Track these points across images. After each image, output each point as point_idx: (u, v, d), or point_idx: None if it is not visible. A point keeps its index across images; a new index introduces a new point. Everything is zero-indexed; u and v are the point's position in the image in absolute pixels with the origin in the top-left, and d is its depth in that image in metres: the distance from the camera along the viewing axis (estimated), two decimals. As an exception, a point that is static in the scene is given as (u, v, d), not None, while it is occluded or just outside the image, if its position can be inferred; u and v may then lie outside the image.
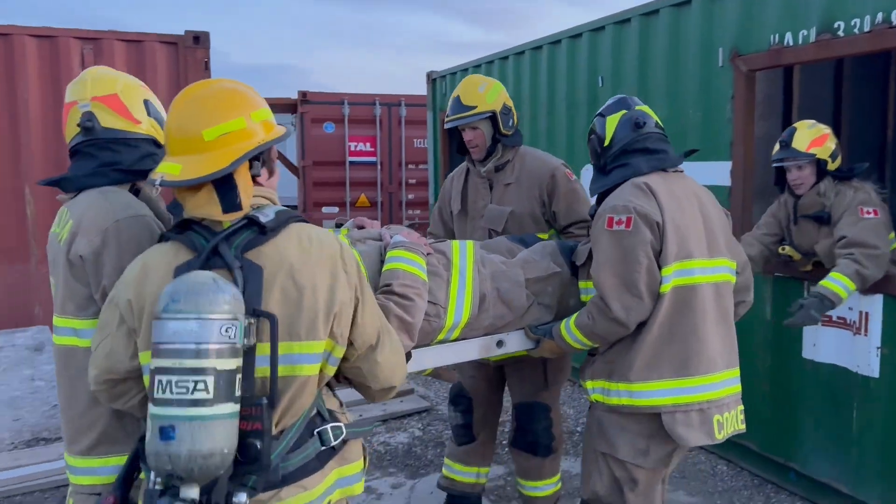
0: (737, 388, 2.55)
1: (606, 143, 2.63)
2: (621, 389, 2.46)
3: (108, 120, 2.09)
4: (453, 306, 2.61)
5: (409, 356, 2.39)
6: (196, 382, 1.52)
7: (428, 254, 2.58)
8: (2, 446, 4.31)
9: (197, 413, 1.51)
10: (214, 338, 1.53)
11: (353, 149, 10.94)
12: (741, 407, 2.57)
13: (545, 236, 3.43)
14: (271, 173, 1.89)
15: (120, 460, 1.91)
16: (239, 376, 1.58)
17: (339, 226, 2.99)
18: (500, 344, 2.76)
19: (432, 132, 8.52)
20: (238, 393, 1.58)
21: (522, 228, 3.34)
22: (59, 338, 2.08)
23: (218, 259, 1.70)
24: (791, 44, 3.81)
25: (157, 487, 1.54)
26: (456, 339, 2.68)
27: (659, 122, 2.73)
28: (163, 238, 1.85)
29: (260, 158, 1.80)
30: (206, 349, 1.53)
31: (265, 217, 1.76)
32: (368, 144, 10.99)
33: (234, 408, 1.57)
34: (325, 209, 10.99)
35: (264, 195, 1.84)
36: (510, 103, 3.39)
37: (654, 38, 4.77)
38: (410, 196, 11.15)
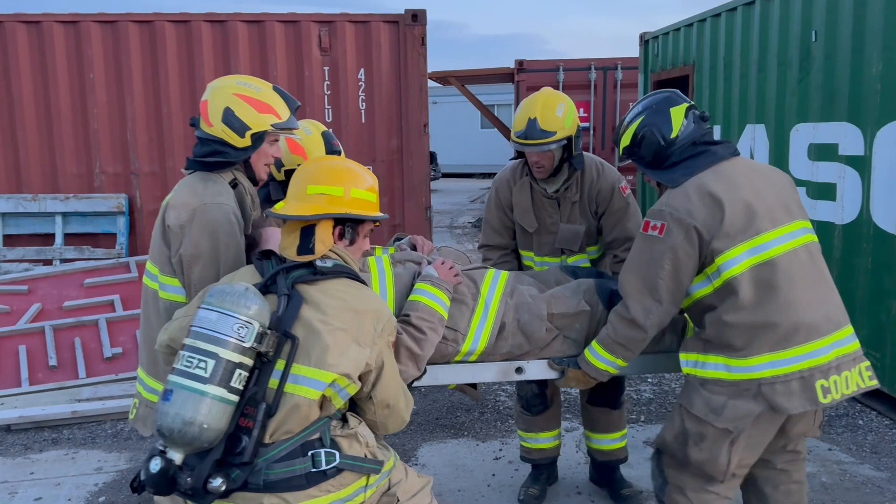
0: (851, 347, 2.43)
1: (674, 134, 2.58)
2: (719, 363, 2.45)
3: (202, 120, 2.55)
4: (472, 335, 2.74)
5: (423, 371, 2.61)
6: (200, 361, 1.90)
7: (458, 283, 2.76)
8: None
9: (191, 385, 1.89)
10: (227, 331, 1.92)
11: (566, 114, 11.10)
12: (865, 363, 2.45)
13: (594, 248, 3.49)
14: (352, 243, 2.27)
15: None
16: (240, 371, 1.93)
17: (397, 239, 3.21)
18: (518, 371, 2.84)
19: (643, 95, 8.43)
20: (236, 384, 1.92)
21: (591, 245, 3.43)
22: (147, 280, 2.63)
23: (276, 286, 2.12)
24: None
25: (159, 447, 1.93)
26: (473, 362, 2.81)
27: None
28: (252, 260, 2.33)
29: (347, 226, 2.22)
30: (216, 337, 1.92)
31: (323, 264, 2.17)
32: (582, 110, 11.07)
33: (226, 395, 1.91)
34: (537, 174, 11.28)
35: (340, 254, 2.23)
36: (579, 122, 3.31)
37: (874, -14, 4.43)
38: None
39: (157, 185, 6.86)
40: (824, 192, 4.91)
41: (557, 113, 3.19)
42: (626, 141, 2.69)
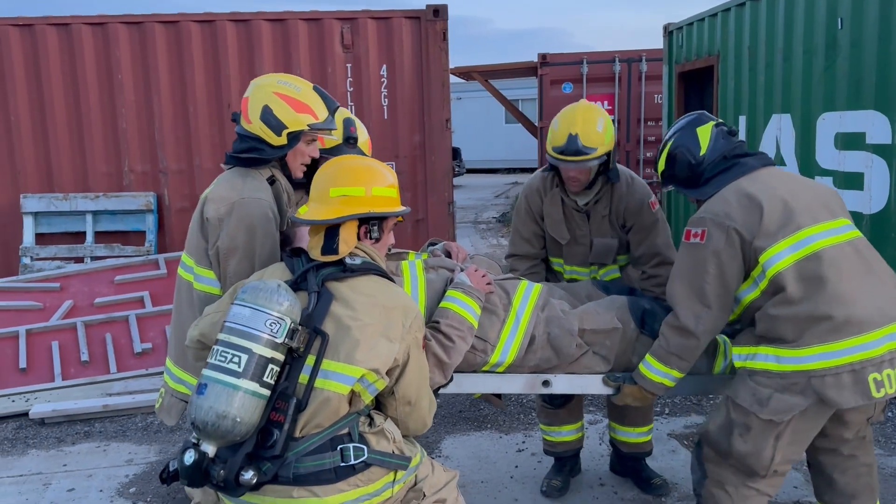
0: None
1: (703, 152, 2.69)
2: (769, 354, 2.44)
3: (242, 116, 2.61)
4: (501, 346, 2.74)
5: (450, 378, 2.62)
6: (234, 356, 1.94)
7: (490, 293, 2.76)
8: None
9: (225, 379, 1.93)
10: (260, 326, 1.97)
11: (590, 108, 11.02)
12: None
13: (623, 257, 3.47)
14: (378, 239, 2.30)
15: None
16: (272, 366, 1.97)
17: (431, 244, 3.20)
18: (545, 384, 2.83)
19: (667, 87, 8.38)
20: (268, 379, 1.96)
21: (620, 254, 3.42)
22: (182, 271, 2.69)
23: (306, 283, 2.16)
24: None
25: (192, 440, 1.98)
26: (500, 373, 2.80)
27: None
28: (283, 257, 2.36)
29: (371, 224, 2.25)
30: (249, 332, 1.96)
31: (352, 261, 2.21)
32: (606, 103, 11.00)
33: (258, 389, 1.94)
34: (561, 168, 11.22)
35: (367, 251, 2.27)
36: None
37: (901, -29, 4.35)
38: (648, 154, 11.00)
39: (184, 182, 6.96)
40: (851, 181, 4.84)
41: (598, 128, 3.15)
42: (661, 166, 2.82)
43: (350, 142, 2.91)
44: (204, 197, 2.62)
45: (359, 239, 2.26)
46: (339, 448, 2.08)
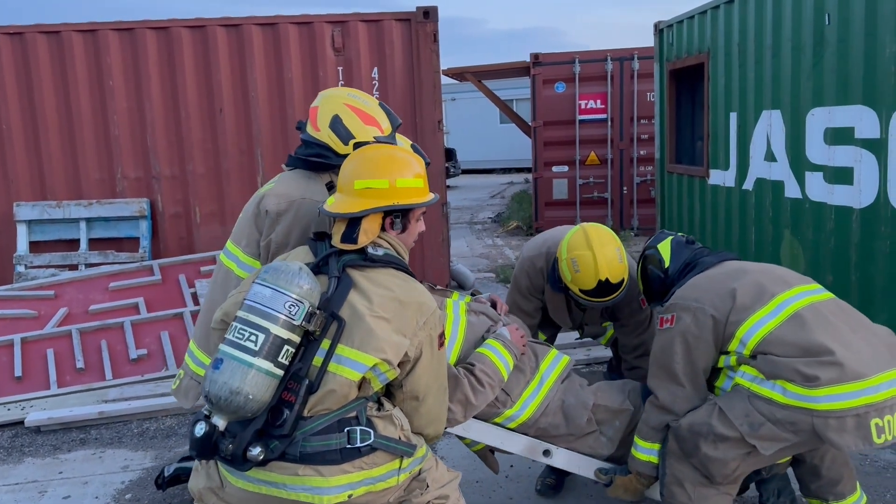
0: None
1: (667, 264, 2.95)
2: (777, 384, 2.43)
3: (309, 124, 2.69)
4: (520, 404, 2.81)
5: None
6: (251, 334, 1.96)
7: (522, 353, 2.84)
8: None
9: (241, 356, 1.95)
10: (279, 307, 1.98)
11: (583, 107, 11.06)
12: None
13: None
14: (404, 230, 2.32)
15: None
16: (288, 347, 1.98)
17: (474, 294, 3.28)
18: (546, 453, 2.87)
19: (659, 85, 8.40)
20: (282, 359, 1.98)
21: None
22: (225, 258, 2.76)
23: (328, 267, 2.19)
24: None
25: (205, 412, 2.00)
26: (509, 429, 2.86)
27: None
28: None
29: (393, 214, 2.26)
30: (268, 312, 1.98)
31: (374, 251, 2.23)
32: (599, 101, 11.02)
33: (273, 368, 1.97)
34: (555, 168, 11.27)
35: (390, 242, 2.29)
36: None
37: (886, -34, 4.37)
38: (642, 152, 11.01)
39: (177, 188, 6.97)
40: (841, 176, 4.86)
41: (619, 262, 3.23)
42: (641, 287, 3.14)
43: None
44: (262, 192, 2.71)
45: (384, 229, 2.28)
46: (346, 430, 2.10)
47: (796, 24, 5.34)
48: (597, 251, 3.18)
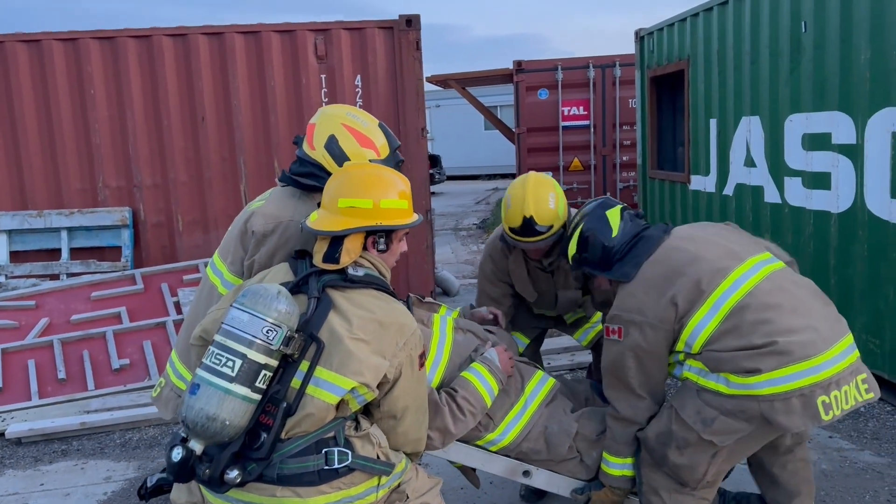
0: (850, 358, 2.42)
1: (614, 234, 2.74)
2: (721, 376, 2.44)
3: (305, 141, 2.64)
4: (502, 429, 2.77)
5: None
6: (228, 360, 1.94)
7: (509, 376, 2.81)
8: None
9: (218, 382, 1.93)
10: (256, 333, 1.96)
11: (566, 113, 11.13)
12: (862, 376, 2.43)
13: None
14: (386, 249, 2.29)
15: None
16: (265, 372, 1.97)
17: (472, 307, 3.25)
18: (526, 474, 2.85)
19: (640, 92, 8.47)
20: (260, 384, 1.96)
21: (586, 309, 3.60)
22: (211, 273, 2.70)
23: (307, 287, 2.16)
24: None
25: (182, 434, 1.99)
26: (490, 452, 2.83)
27: None
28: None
29: (377, 234, 2.24)
30: (245, 338, 1.95)
31: (354, 272, 2.21)
32: (581, 108, 11.10)
33: (250, 394, 1.95)
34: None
35: (372, 261, 2.28)
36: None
37: (860, -25, 4.45)
38: (625, 158, 11.09)
39: (159, 197, 6.94)
40: (819, 181, 4.93)
41: (550, 205, 3.19)
42: (572, 250, 2.86)
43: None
44: (251, 209, 2.64)
45: (366, 249, 2.27)
46: (323, 451, 2.09)
47: (774, 31, 5.42)
48: (528, 190, 3.19)
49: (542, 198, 3.19)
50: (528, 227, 3.18)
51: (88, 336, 5.64)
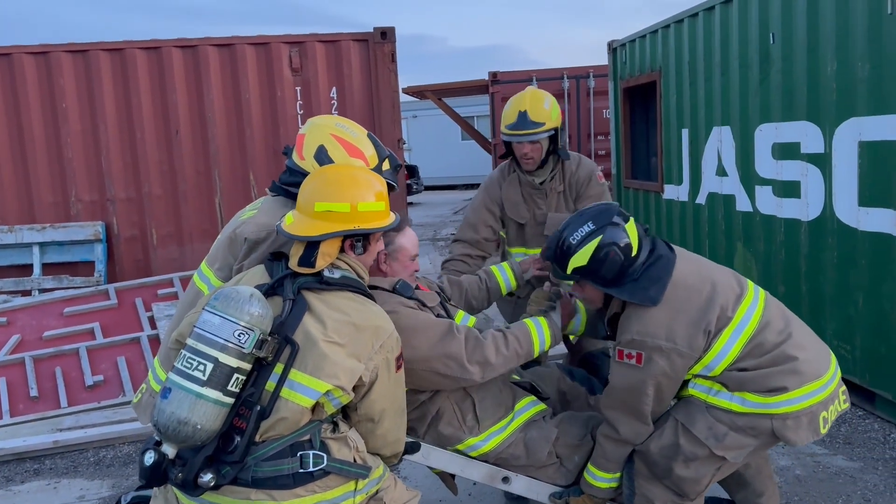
0: (839, 373, 2.58)
1: (635, 251, 2.50)
2: (735, 395, 2.47)
3: (295, 151, 2.65)
4: (485, 436, 2.78)
5: (418, 446, 2.65)
6: (199, 363, 1.93)
7: (572, 315, 2.89)
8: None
9: (189, 386, 1.92)
10: (227, 336, 1.94)
11: (541, 124, 11.19)
12: (843, 387, 2.57)
13: None
14: (364, 251, 2.30)
15: None
16: (238, 375, 1.96)
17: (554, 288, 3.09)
18: (505, 480, 2.86)
19: (614, 103, 8.56)
20: (232, 388, 1.95)
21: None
22: (198, 279, 2.70)
23: (283, 289, 2.16)
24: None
25: (156, 438, 1.98)
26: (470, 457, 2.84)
27: None
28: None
29: (355, 238, 2.25)
30: (216, 341, 1.94)
31: (330, 274, 2.21)
32: (557, 118, 11.17)
33: (221, 397, 1.93)
34: (515, 184, 11.35)
35: (349, 263, 2.27)
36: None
37: (825, -12, 4.55)
38: (600, 167, 11.15)
39: (133, 210, 6.89)
40: (789, 189, 5.01)
41: (545, 106, 3.53)
42: (582, 261, 2.49)
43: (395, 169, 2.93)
44: (242, 217, 2.65)
45: (343, 251, 2.26)
46: (298, 454, 2.07)
47: (743, 43, 5.51)
48: (526, 92, 3.60)
49: (538, 98, 3.56)
50: (522, 121, 3.50)
51: (61, 352, 5.56)
